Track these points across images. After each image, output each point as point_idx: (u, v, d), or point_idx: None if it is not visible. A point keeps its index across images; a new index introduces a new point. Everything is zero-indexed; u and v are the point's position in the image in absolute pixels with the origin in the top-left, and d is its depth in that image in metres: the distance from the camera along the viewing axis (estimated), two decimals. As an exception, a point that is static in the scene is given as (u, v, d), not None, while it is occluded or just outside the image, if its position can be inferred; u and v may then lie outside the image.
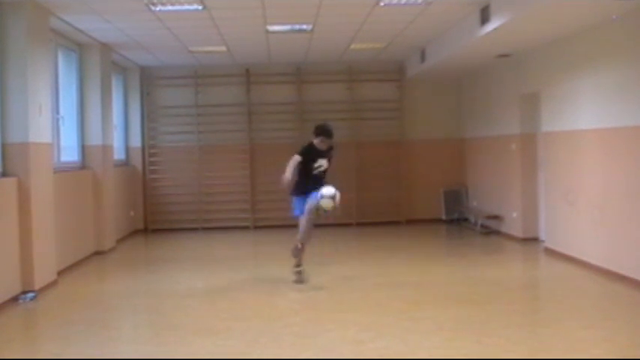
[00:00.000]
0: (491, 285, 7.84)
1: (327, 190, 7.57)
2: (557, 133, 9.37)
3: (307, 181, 7.88)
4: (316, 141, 7.91)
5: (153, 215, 13.40)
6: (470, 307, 6.71)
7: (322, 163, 7.94)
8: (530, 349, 5.34)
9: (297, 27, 9.76)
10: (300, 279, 8.03)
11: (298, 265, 8.12)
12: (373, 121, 13.55)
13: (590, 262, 8.42)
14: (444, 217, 13.59)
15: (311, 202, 7.75)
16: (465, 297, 7.18)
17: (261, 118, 13.43)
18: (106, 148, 10.73)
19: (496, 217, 11.76)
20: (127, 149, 13.21)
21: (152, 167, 13.46)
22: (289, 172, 7.59)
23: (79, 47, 10.30)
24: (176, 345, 5.62)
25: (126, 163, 13.07)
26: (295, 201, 8.02)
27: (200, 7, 8.29)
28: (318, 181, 7.88)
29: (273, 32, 10.03)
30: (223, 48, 11.23)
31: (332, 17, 9.09)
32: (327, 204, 7.54)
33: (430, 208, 13.64)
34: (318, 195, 7.57)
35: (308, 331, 5.93)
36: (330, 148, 8.03)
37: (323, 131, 7.90)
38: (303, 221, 7.91)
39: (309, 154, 7.88)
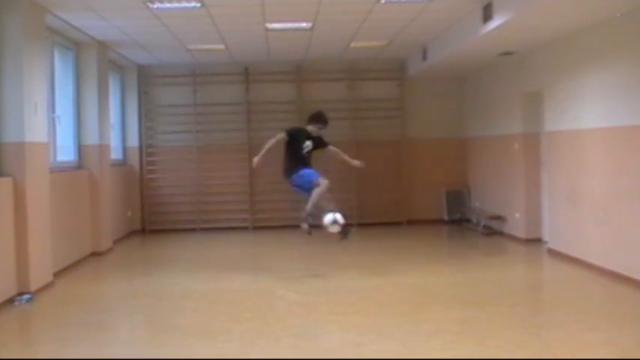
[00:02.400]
0: (493, 286, 7.83)
1: (332, 219, 8.25)
2: (561, 133, 9.32)
3: (296, 161, 8.40)
4: (314, 127, 8.54)
5: (150, 216, 13.33)
6: (472, 308, 6.68)
7: (308, 144, 8.51)
8: (533, 351, 5.32)
9: (296, 25, 9.69)
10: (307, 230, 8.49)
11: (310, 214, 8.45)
12: (374, 120, 13.47)
13: (594, 264, 8.36)
14: (445, 217, 13.53)
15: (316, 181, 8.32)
16: (467, 299, 7.16)
17: (261, 117, 13.34)
18: (103, 148, 10.67)
19: (498, 218, 11.69)
20: (125, 149, 13.13)
21: (150, 167, 13.39)
22: (265, 148, 8.31)
23: (76, 45, 10.24)
24: (174, 347, 5.61)
25: (123, 163, 13.00)
26: (306, 175, 8.36)
27: (198, 5, 8.24)
28: (306, 160, 8.47)
29: (273, 30, 9.98)
30: (222, 46, 11.18)
31: (332, 15, 9.04)
32: (333, 229, 8.31)
33: (432, 209, 13.56)
34: (327, 220, 8.25)
35: (308, 333, 5.94)
36: (318, 136, 8.63)
37: (322, 119, 8.56)
38: (314, 194, 8.33)
39: (299, 136, 8.48)
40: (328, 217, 8.23)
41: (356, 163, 8.78)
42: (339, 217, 8.24)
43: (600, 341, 5.50)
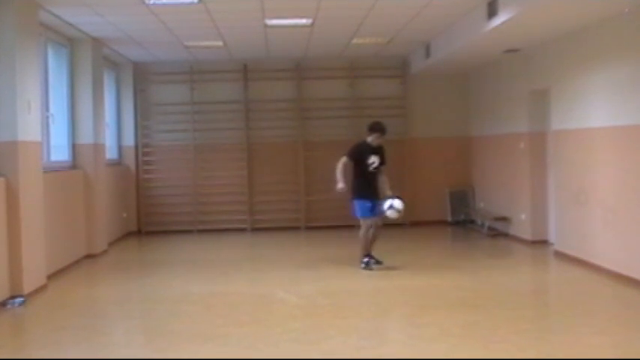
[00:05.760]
0: (498, 289, 7.80)
1: (398, 204, 8.51)
2: (568, 132, 9.25)
3: (365, 180, 8.66)
4: (371, 138, 8.74)
5: (146, 217, 13.23)
6: (477, 312, 6.66)
7: (374, 160, 8.70)
8: (539, 355, 5.31)
9: (296, 21, 9.61)
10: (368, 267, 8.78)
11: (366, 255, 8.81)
12: (376, 118, 13.10)
13: (602, 266, 8.29)
14: (449, 218, 13.44)
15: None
16: (472, 302, 7.14)
17: (260, 116, 13.26)
18: (98, 147, 10.61)
19: (504, 219, 11.61)
20: (120, 148, 13.07)
21: (146, 167, 13.29)
22: (340, 177, 8.54)
23: (70, 42, 10.18)
24: (170, 352, 5.60)
25: (118, 163, 12.94)
26: (359, 204, 8.70)
27: (196, 0, 8.18)
28: (374, 180, 8.73)
29: (272, 26, 9.90)
30: (220, 43, 11.11)
31: (333, 11, 8.97)
32: (392, 214, 8.53)
33: (435, 210, 13.44)
34: (386, 206, 8.49)
35: (308, 338, 5.89)
36: (382, 149, 8.83)
37: (379, 128, 8.74)
38: (360, 233, 8.80)
39: (360, 153, 8.71)
40: (386, 205, 8.49)
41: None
42: (396, 203, 8.48)
43: (608, 345, 5.47)
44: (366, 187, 8.67)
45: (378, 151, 8.75)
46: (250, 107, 13.25)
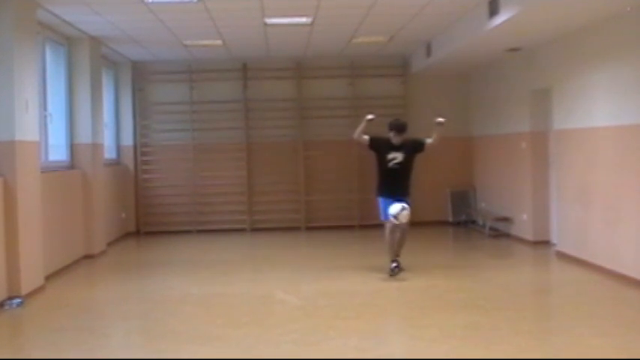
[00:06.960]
0: (500, 290, 7.77)
1: (394, 209, 8.19)
2: (570, 131, 9.21)
3: (385, 177, 8.49)
4: (390, 135, 8.51)
5: (145, 217, 13.19)
6: (478, 313, 6.62)
7: (396, 156, 8.49)
8: (540, 356, 5.29)
9: (296, 20, 9.57)
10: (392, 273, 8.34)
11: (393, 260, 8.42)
12: (376, 118, 13.19)
13: (604, 267, 8.26)
14: (450, 219, 13.40)
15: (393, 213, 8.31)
16: (473, 303, 7.11)
17: (259, 116, 13.21)
18: (96, 147, 10.57)
19: (505, 220, 11.57)
20: (118, 148, 13.03)
21: (145, 167, 13.25)
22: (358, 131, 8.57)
23: (68, 41, 10.15)
24: (170, 352, 5.54)
25: (117, 163, 12.90)
26: (381, 203, 8.52)
27: None
28: (397, 177, 8.50)
29: (272, 25, 9.86)
30: (219, 42, 11.07)
31: (333, 9, 8.93)
32: (401, 217, 8.24)
33: (436, 210, 13.37)
34: (390, 214, 8.23)
35: (308, 339, 5.87)
36: (407, 142, 8.55)
37: (392, 126, 8.55)
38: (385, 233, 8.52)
39: (380, 145, 8.52)
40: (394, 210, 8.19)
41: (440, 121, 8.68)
42: (394, 210, 8.16)
43: (610, 346, 5.45)
44: (386, 184, 8.49)
45: (401, 147, 8.45)
46: (250, 107, 13.19)
